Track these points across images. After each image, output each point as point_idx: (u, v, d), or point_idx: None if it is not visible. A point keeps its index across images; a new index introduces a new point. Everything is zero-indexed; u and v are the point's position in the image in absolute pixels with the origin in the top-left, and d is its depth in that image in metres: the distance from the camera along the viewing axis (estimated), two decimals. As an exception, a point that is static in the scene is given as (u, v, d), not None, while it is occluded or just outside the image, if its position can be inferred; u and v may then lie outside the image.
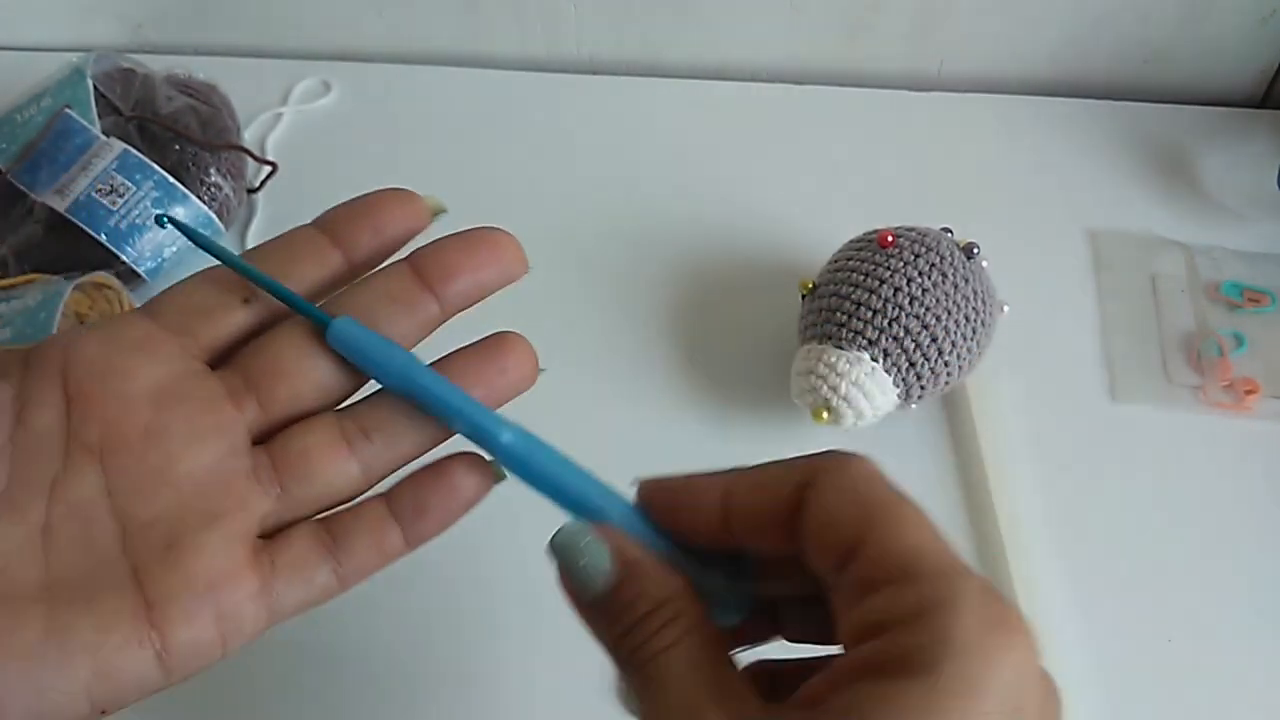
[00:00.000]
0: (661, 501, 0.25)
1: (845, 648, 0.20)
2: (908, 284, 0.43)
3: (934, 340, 0.43)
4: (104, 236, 0.50)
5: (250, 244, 0.57)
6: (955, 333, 0.43)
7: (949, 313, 0.43)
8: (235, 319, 0.27)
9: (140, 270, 0.51)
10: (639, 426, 0.48)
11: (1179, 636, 0.41)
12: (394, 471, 0.27)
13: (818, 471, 0.22)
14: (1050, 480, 0.45)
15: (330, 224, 0.30)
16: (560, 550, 0.23)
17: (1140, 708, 0.40)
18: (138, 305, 0.49)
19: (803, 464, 0.23)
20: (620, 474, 0.46)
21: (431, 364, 0.27)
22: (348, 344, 0.26)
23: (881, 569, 0.20)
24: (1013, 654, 0.19)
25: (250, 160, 0.57)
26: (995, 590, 0.19)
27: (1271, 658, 0.40)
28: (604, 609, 0.22)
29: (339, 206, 0.30)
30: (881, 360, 0.43)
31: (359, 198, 0.31)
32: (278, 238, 0.28)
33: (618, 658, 0.22)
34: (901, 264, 0.44)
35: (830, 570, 0.21)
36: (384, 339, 0.26)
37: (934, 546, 0.20)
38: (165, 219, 0.29)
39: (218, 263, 0.28)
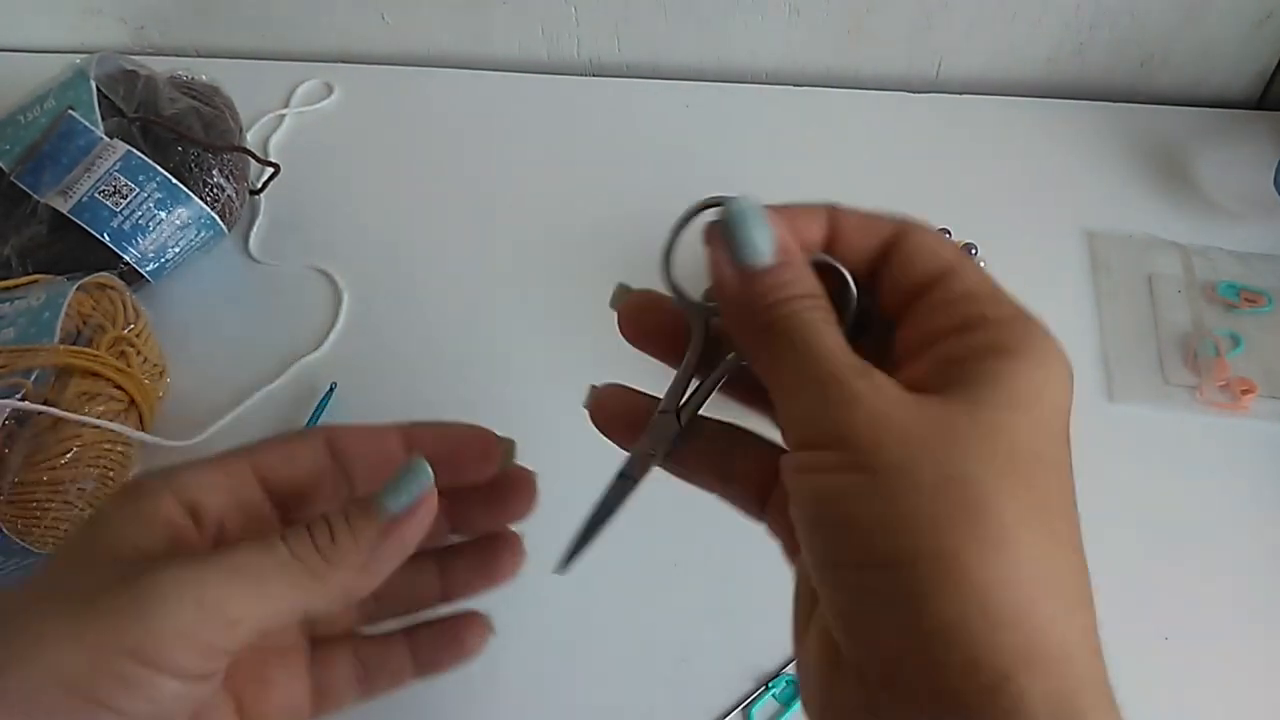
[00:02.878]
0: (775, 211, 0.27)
1: (938, 344, 0.23)
2: (906, 284, 0.43)
3: (932, 340, 0.43)
4: (107, 237, 0.50)
5: (253, 245, 0.57)
6: (953, 333, 0.43)
7: (947, 313, 0.43)
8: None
9: (143, 271, 0.52)
10: (639, 426, 0.48)
11: (1176, 635, 0.41)
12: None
13: (908, 224, 0.26)
14: (1048, 479, 0.46)
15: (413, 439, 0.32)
16: (734, 217, 0.25)
17: (1138, 706, 0.40)
18: (141, 306, 0.50)
19: (897, 218, 0.26)
20: (615, 469, 0.47)
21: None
22: None
23: (958, 300, 0.24)
24: (1063, 369, 0.24)
25: (253, 161, 0.57)
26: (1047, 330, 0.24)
27: (1268, 655, 0.41)
28: (755, 281, 0.25)
29: (427, 430, 0.32)
30: (880, 360, 0.43)
31: (444, 427, 0.33)
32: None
33: (758, 321, 0.24)
34: (900, 264, 0.44)
35: (906, 299, 0.25)
36: None
37: (1007, 293, 0.25)
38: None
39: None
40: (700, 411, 0.28)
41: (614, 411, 0.30)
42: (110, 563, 0.25)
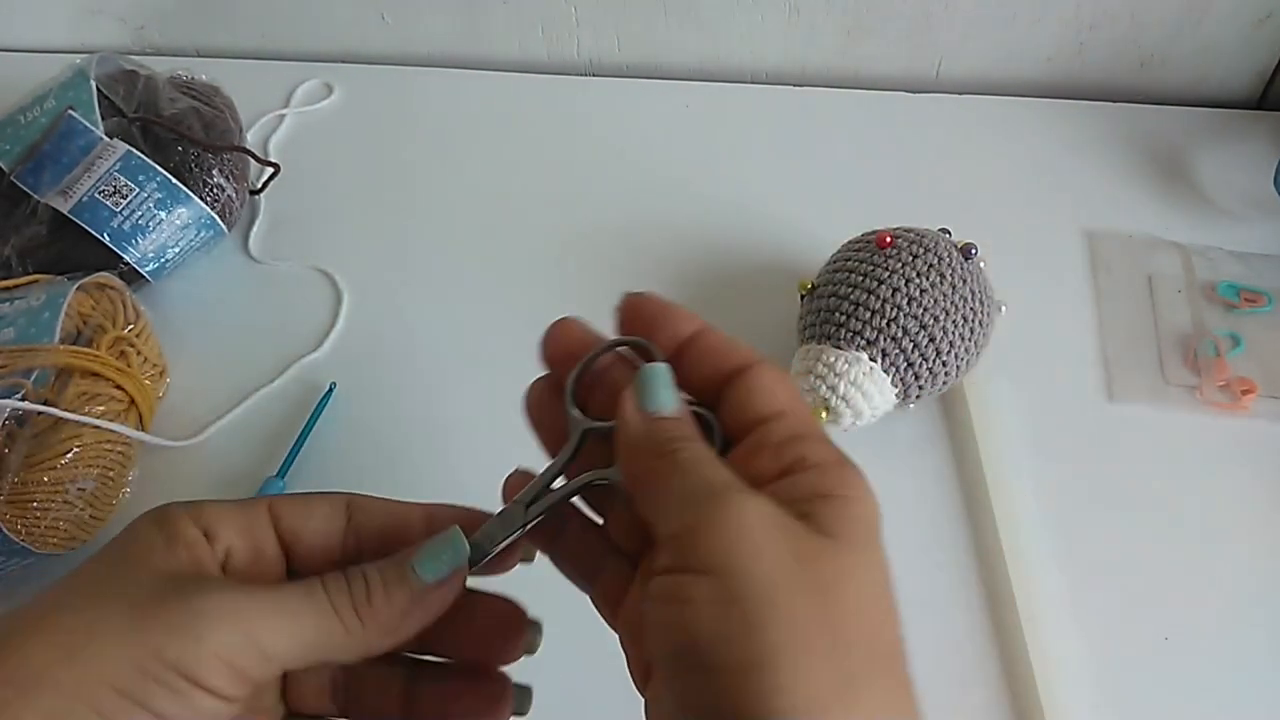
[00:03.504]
0: (641, 309, 0.31)
1: (755, 478, 0.25)
2: (906, 284, 0.43)
3: (932, 340, 0.43)
4: (107, 237, 0.50)
5: (253, 245, 0.57)
6: (953, 333, 0.44)
7: (947, 313, 0.43)
8: None
9: (143, 271, 0.52)
10: (639, 426, 0.48)
11: (1176, 634, 0.41)
12: None
13: (758, 361, 0.28)
14: (1047, 479, 0.46)
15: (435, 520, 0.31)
16: (647, 376, 0.28)
17: (1137, 705, 0.40)
18: (141, 306, 0.50)
19: (751, 353, 0.28)
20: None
21: None
22: None
23: (785, 443, 0.26)
24: (879, 513, 0.26)
25: (253, 161, 0.57)
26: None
27: (1268, 655, 0.41)
28: (656, 422, 0.27)
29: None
30: (880, 360, 0.43)
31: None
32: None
33: (653, 451, 0.27)
34: (900, 264, 0.44)
35: (739, 431, 0.27)
36: None
37: (820, 434, 0.27)
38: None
39: None
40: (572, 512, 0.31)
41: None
42: (150, 577, 0.26)
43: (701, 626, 0.23)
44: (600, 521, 0.32)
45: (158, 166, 0.52)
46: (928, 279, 0.44)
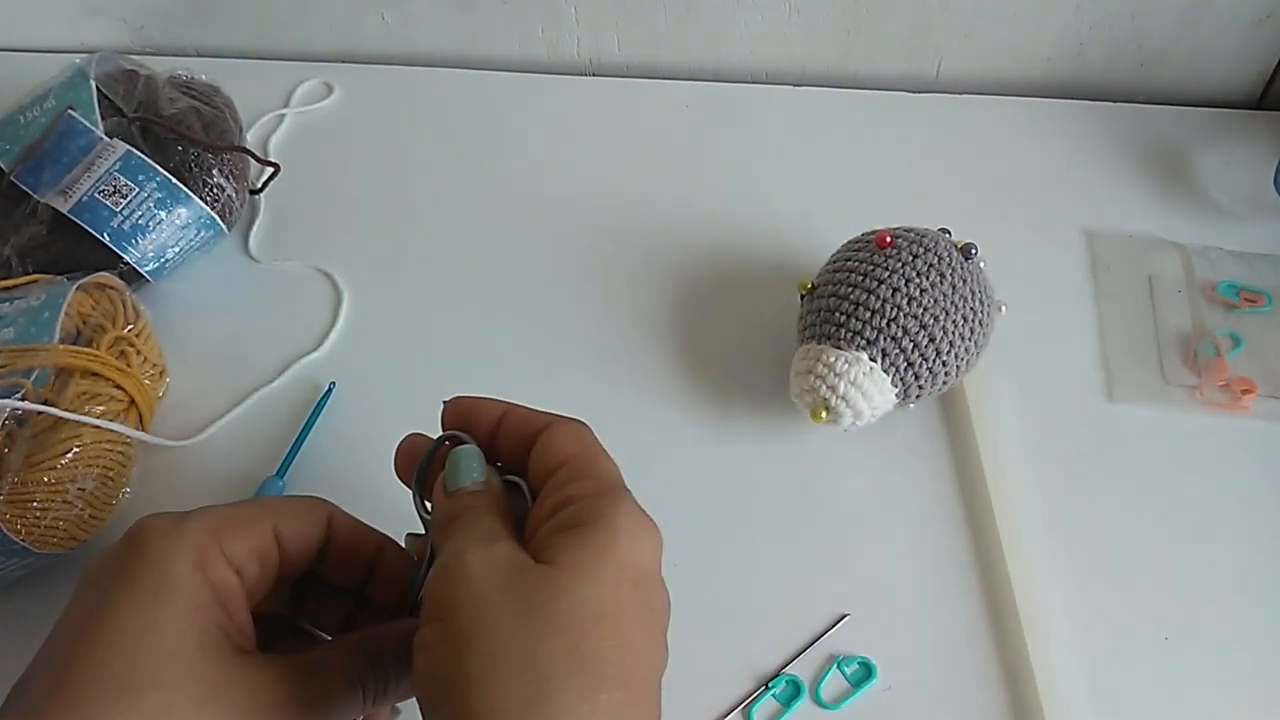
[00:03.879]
0: (456, 410, 0.35)
1: (544, 520, 0.29)
2: (906, 284, 0.43)
3: (932, 340, 0.43)
4: (107, 237, 0.50)
5: (253, 245, 0.57)
6: (953, 333, 0.44)
7: (947, 313, 0.43)
8: None
9: (143, 271, 0.52)
10: (639, 426, 0.48)
11: (1175, 634, 0.41)
12: None
13: (555, 421, 0.32)
14: (1047, 479, 0.46)
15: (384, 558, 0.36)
16: (453, 460, 0.32)
17: (1137, 705, 0.40)
18: (141, 306, 0.50)
19: (548, 416, 0.33)
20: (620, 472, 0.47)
21: None
22: None
23: (575, 481, 0.30)
24: (648, 543, 0.29)
25: (253, 161, 0.57)
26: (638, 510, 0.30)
27: (1267, 655, 0.41)
28: (455, 497, 0.31)
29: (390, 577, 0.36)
30: (880, 360, 0.43)
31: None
32: None
33: (442, 521, 0.31)
34: (900, 264, 0.44)
35: (538, 483, 0.31)
36: None
37: (607, 474, 0.31)
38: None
39: None
40: None
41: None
42: (204, 662, 0.29)
43: (429, 668, 0.27)
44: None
45: (158, 166, 0.52)
46: (928, 279, 0.44)
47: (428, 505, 0.35)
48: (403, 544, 0.36)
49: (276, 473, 0.47)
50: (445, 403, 0.35)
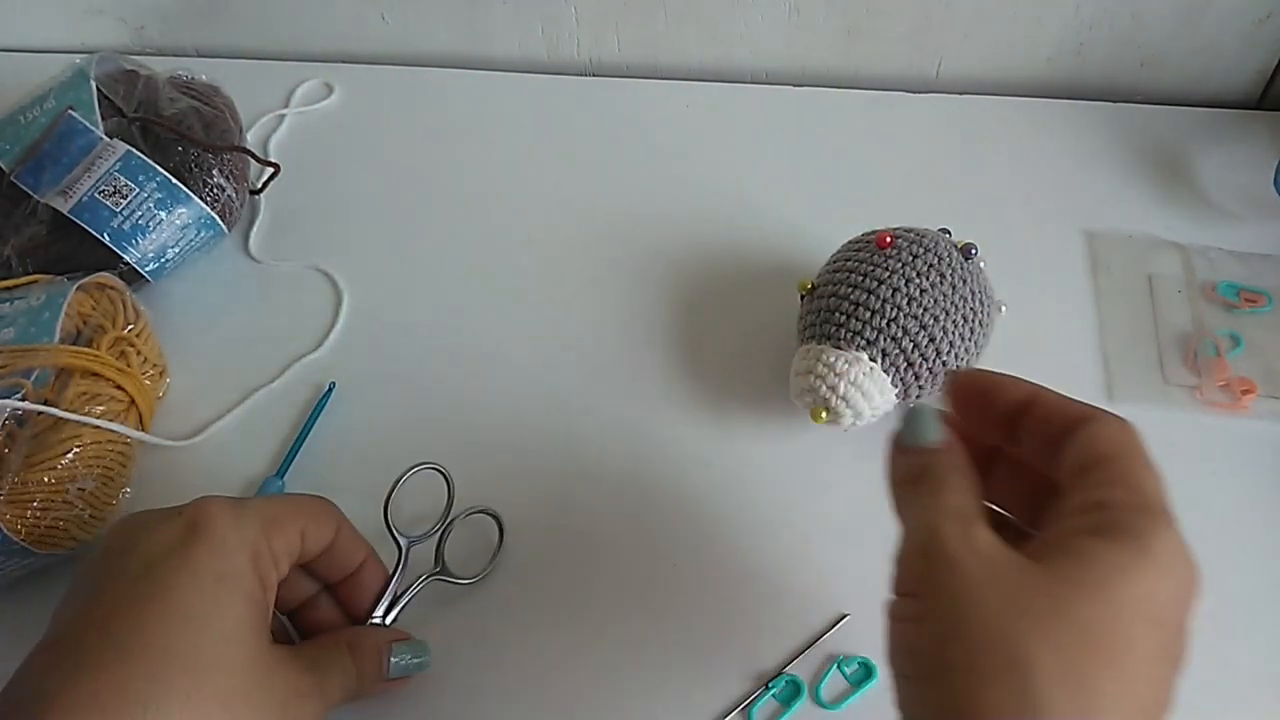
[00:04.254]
0: (971, 387, 0.32)
1: (1064, 519, 0.27)
2: (906, 284, 0.43)
3: (932, 340, 0.43)
4: (107, 237, 0.50)
5: (253, 245, 0.57)
6: (953, 333, 0.44)
7: (947, 313, 0.43)
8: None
9: (143, 271, 0.52)
10: (639, 425, 0.48)
11: (1175, 634, 0.41)
12: None
13: (1097, 413, 0.30)
14: (1048, 479, 0.46)
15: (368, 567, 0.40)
16: (920, 414, 0.31)
17: (1137, 705, 0.40)
18: (141, 306, 0.50)
19: (1086, 407, 0.30)
20: (620, 472, 0.47)
21: None
22: None
23: (1113, 486, 0.27)
24: (1183, 582, 0.26)
25: (253, 161, 0.57)
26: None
27: (1268, 654, 0.41)
28: (919, 456, 0.30)
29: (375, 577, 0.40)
30: (880, 360, 0.43)
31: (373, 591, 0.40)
32: None
33: (911, 474, 0.30)
34: (900, 264, 0.44)
35: (1072, 477, 0.28)
36: None
37: (1152, 490, 0.28)
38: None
39: None
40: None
41: None
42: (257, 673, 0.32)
43: (910, 642, 0.26)
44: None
45: (158, 166, 0.52)
46: (928, 279, 0.44)
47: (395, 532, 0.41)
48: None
49: (277, 473, 0.47)
50: (953, 374, 0.32)
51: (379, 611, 0.39)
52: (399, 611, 0.40)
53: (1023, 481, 0.32)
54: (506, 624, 0.43)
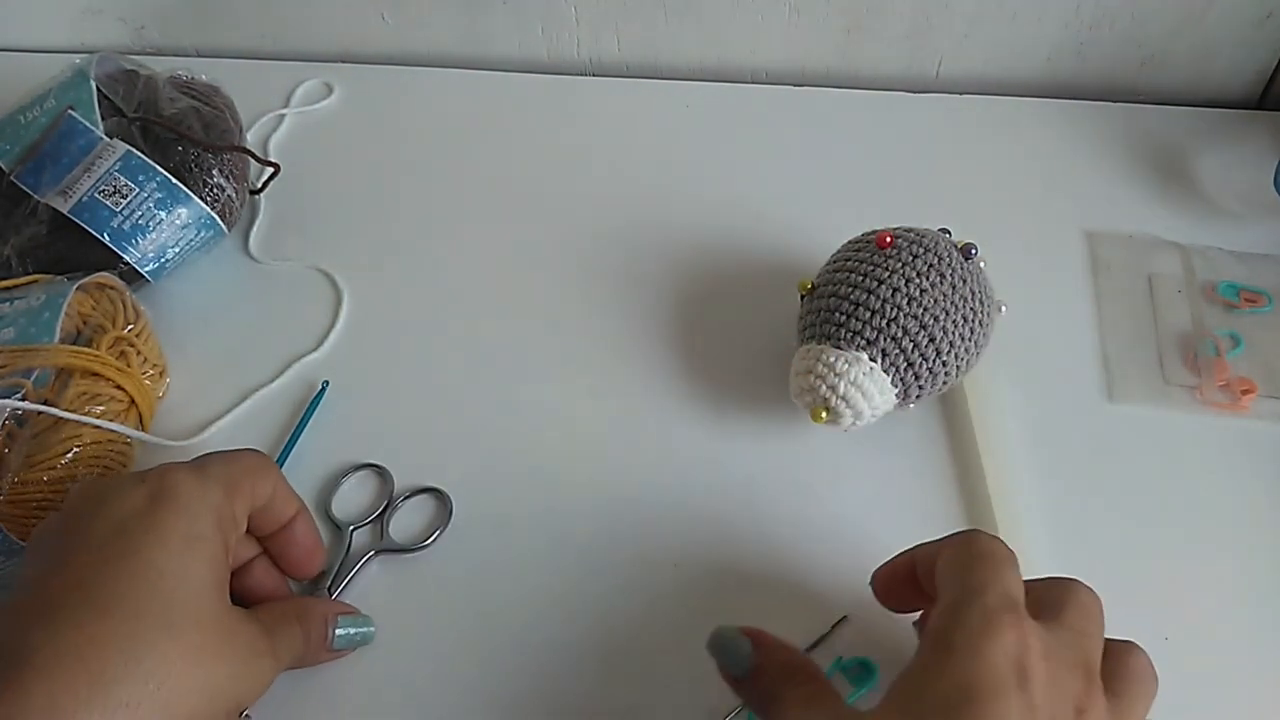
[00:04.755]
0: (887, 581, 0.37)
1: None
2: (906, 284, 0.43)
3: (932, 340, 0.43)
4: (107, 237, 0.50)
5: (253, 245, 0.57)
6: (953, 333, 0.44)
7: (947, 313, 0.43)
8: None
9: (143, 271, 0.52)
10: (639, 426, 0.48)
11: (1176, 635, 0.41)
12: None
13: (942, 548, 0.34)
14: (1047, 480, 0.46)
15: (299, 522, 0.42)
16: (715, 646, 0.35)
17: (1137, 705, 0.40)
18: (141, 306, 0.50)
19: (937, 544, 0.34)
20: (620, 472, 0.47)
21: None
22: None
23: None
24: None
25: (253, 161, 0.57)
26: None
27: (1268, 655, 0.41)
28: (745, 682, 0.34)
29: (307, 533, 0.42)
30: (880, 360, 0.43)
31: (309, 540, 0.42)
32: None
33: (759, 700, 0.34)
34: (900, 264, 0.44)
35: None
36: None
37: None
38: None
39: None
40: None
41: None
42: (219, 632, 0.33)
43: None
44: None
45: (158, 166, 0.52)
46: (928, 279, 0.44)
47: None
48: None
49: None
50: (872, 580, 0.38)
51: (324, 585, 0.42)
52: (341, 590, 0.43)
53: None
54: (507, 624, 0.42)
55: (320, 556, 0.42)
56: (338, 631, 0.39)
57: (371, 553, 0.44)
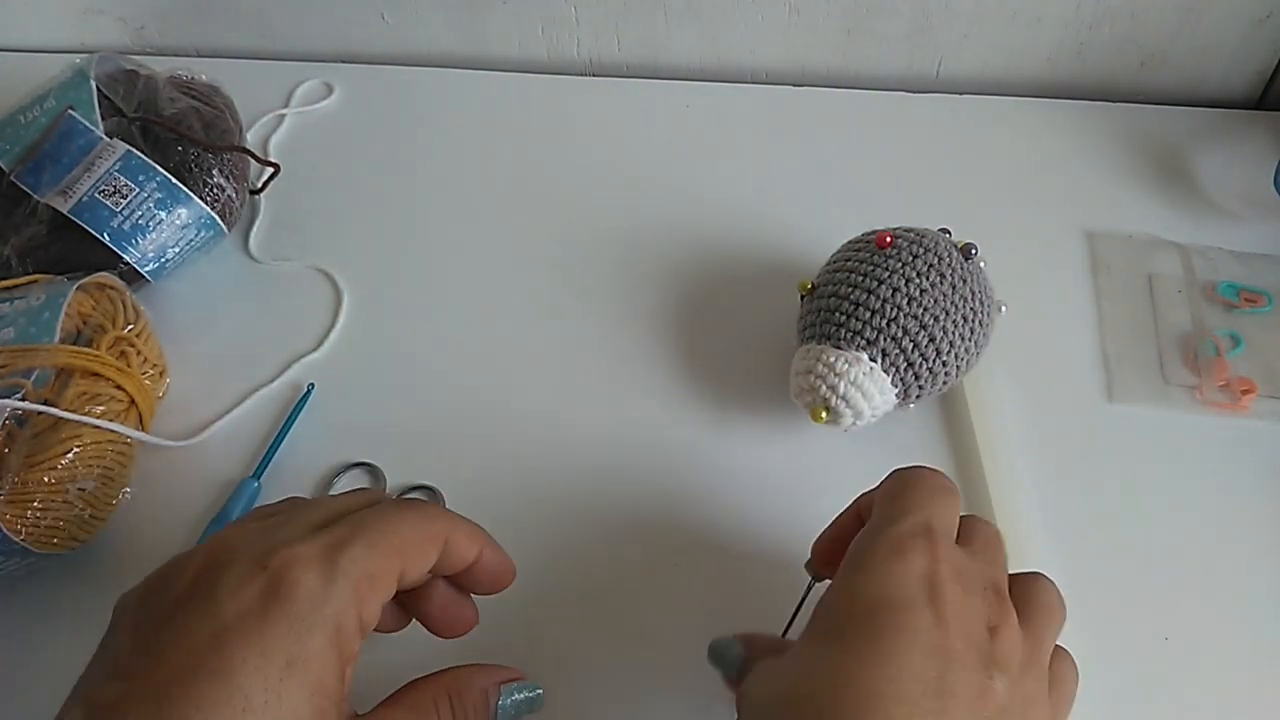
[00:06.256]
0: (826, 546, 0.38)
1: None
2: (906, 284, 0.43)
3: (932, 340, 0.43)
4: (107, 237, 0.50)
5: (253, 245, 0.57)
6: (953, 333, 0.44)
7: (947, 313, 0.43)
8: None
9: (143, 271, 0.52)
10: (639, 426, 0.48)
11: (1176, 634, 0.41)
12: None
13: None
14: (1047, 480, 0.46)
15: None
16: (712, 656, 0.35)
17: (1137, 705, 0.40)
18: (141, 306, 0.50)
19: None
20: (620, 472, 0.47)
21: None
22: None
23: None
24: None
25: (253, 161, 0.57)
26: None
27: (1268, 655, 0.41)
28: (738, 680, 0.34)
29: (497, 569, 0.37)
30: (880, 360, 0.43)
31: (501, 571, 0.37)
32: None
33: None
34: (900, 264, 0.44)
35: None
36: None
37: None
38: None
39: None
40: None
41: None
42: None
43: None
44: None
45: (158, 166, 0.52)
46: (928, 279, 0.44)
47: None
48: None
49: (253, 474, 0.47)
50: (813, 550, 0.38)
51: None
52: None
53: None
54: (506, 626, 0.42)
55: (509, 574, 0.36)
56: (502, 703, 0.34)
57: None
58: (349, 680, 0.30)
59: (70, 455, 0.43)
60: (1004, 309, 0.47)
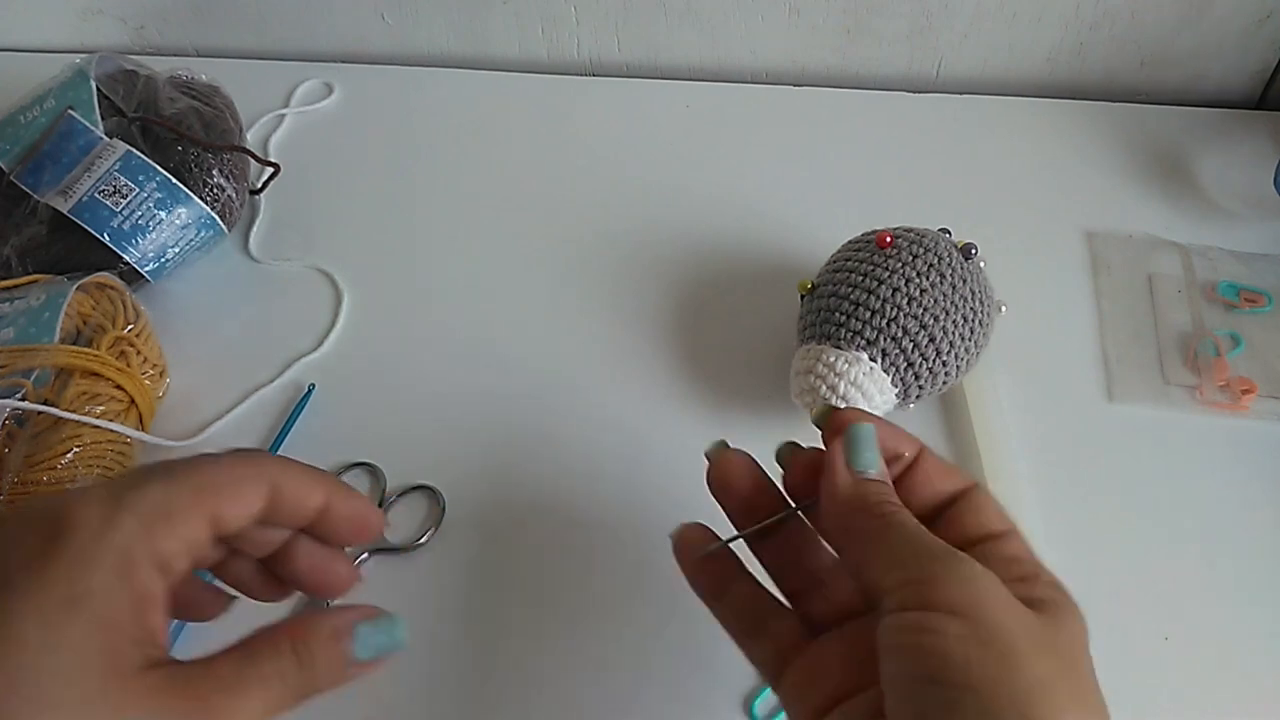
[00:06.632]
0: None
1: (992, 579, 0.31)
2: (906, 284, 0.43)
3: (932, 340, 0.43)
4: (107, 237, 0.50)
5: (253, 245, 0.57)
6: (953, 333, 0.44)
7: (947, 313, 0.43)
8: None
9: (143, 271, 0.52)
10: (639, 425, 0.48)
11: (1176, 634, 0.41)
12: None
13: (974, 484, 0.34)
14: (1047, 479, 0.46)
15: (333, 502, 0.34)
16: (856, 436, 0.33)
17: (1138, 705, 0.40)
18: (141, 306, 0.50)
19: (965, 475, 0.34)
20: (620, 472, 0.47)
21: None
22: None
23: (1013, 560, 0.33)
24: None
25: (253, 161, 0.57)
26: None
27: (1268, 655, 0.41)
28: (866, 484, 0.32)
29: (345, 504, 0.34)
30: (880, 360, 0.43)
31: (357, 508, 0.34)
32: None
33: (861, 505, 0.31)
34: (900, 264, 0.44)
35: (962, 543, 0.32)
36: None
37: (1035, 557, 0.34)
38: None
39: None
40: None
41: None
42: (118, 680, 0.27)
43: (954, 654, 0.27)
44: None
45: (158, 166, 0.52)
46: (928, 279, 0.44)
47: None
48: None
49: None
50: (833, 409, 0.34)
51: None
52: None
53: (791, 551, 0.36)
54: (507, 626, 0.42)
55: (371, 524, 0.34)
56: (357, 643, 0.31)
57: (365, 554, 0.44)
58: (161, 623, 0.29)
59: (70, 455, 0.43)
60: (1004, 309, 0.47)
